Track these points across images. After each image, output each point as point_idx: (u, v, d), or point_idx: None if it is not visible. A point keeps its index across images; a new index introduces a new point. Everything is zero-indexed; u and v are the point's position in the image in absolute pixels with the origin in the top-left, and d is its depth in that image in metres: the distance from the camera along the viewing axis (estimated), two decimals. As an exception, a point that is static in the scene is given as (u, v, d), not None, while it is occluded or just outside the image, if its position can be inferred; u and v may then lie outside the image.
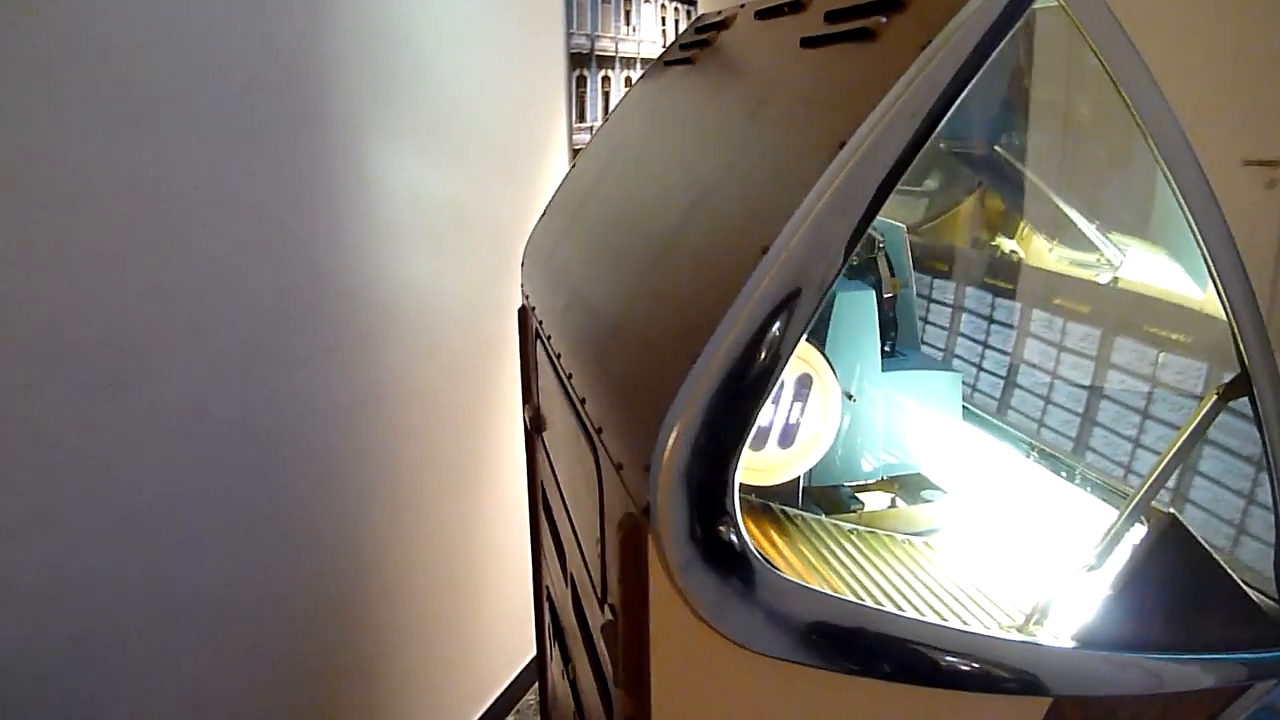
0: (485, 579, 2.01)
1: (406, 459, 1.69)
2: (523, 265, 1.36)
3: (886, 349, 1.05)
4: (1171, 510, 0.77)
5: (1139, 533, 0.78)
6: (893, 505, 0.98)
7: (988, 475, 1.02)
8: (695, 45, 1.18)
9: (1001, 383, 1.22)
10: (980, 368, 1.25)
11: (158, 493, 1.18)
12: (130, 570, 1.16)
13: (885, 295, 1.02)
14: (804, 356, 0.82)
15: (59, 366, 1.05)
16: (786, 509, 0.90)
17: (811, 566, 0.78)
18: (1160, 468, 0.76)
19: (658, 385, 0.66)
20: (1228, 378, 0.75)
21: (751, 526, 0.82)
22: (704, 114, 0.97)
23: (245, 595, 1.34)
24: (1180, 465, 0.78)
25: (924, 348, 1.30)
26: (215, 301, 1.24)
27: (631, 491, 0.67)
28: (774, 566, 0.66)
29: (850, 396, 0.96)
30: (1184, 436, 0.76)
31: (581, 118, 2.23)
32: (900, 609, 0.76)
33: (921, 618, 0.72)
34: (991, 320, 1.27)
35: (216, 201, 1.22)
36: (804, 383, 0.83)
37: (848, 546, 0.87)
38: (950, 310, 1.33)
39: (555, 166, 2.18)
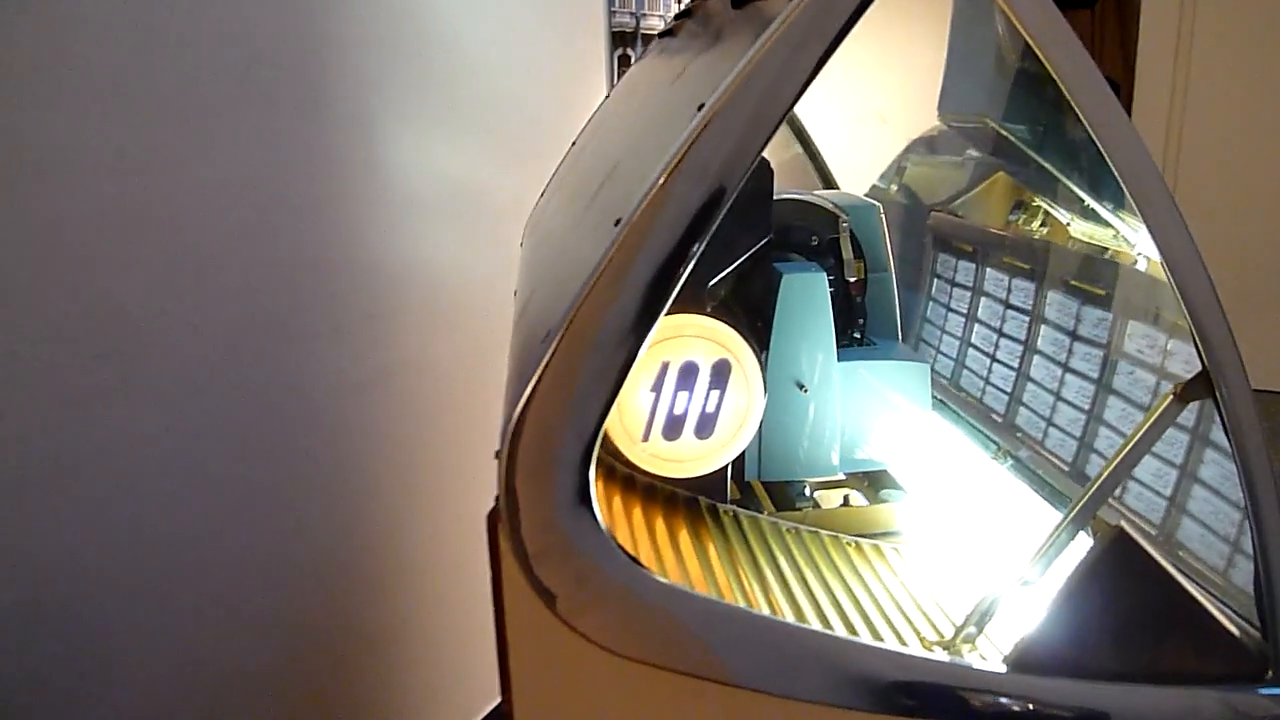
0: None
1: (421, 438, 1.70)
2: (521, 245, 1.33)
3: (856, 336, 0.98)
4: (1121, 524, 0.68)
5: (1086, 545, 0.70)
6: (844, 504, 0.92)
7: (954, 476, 0.94)
8: (682, 15, 1.13)
9: (994, 375, 1.13)
10: (973, 358, 1.16)
11: (157, 463, 1.21)
12: (129, 539, 1.19)
13: (850, 279, 0.94)
14: (721, 341, 0.77)
15: (53, 342, 1.09)
16: (720, 505, 0.85)
17: (711, 566, 0.73)
18: (1104, 475, 0.68)
19: (521, 367, 0.63)
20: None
21: (657, 520, 0.78)
22: (651, 87, 0.92)
23: (252, 568, 1.36)
24: (1127, 473, 0.69)
25: (935, 336, 1.22)
26: (214, 280, 1.26)
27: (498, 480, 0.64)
28: (638, 563, 0.61)
29: (801, 386, 0.89)
30: (1133, 441, 0.67)
31: None
32: (805, 617, 0.70)
33: (819, 628, 0.67)
34: (1008, 305, 1.18)
35: (216, 181, 1.24)
36: (721, 370, 0.77)
37: (777, 547, 0.81)
38: (968, 295, 1.24)
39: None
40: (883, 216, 0.99)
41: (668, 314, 0.75)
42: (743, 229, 0.78)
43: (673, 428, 0.77)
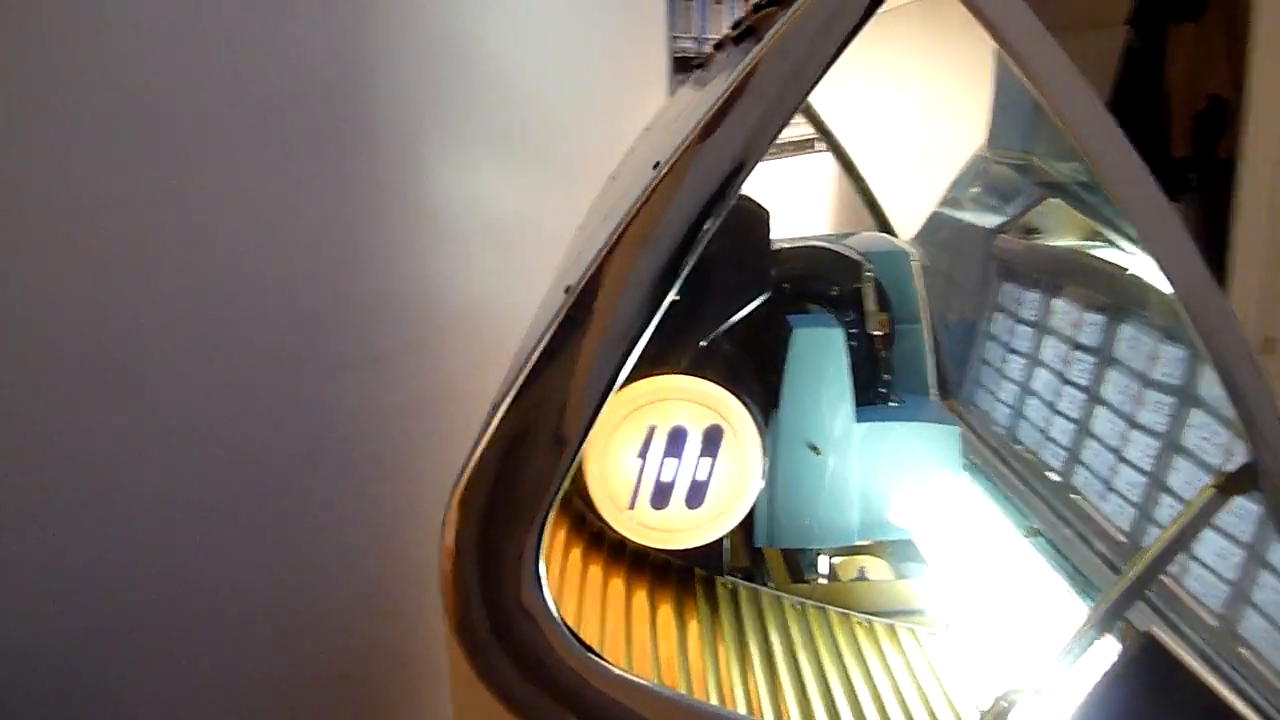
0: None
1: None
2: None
3: (882, 393, 0.91)
4: (1152, 629, 0.60)
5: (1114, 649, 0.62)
6: (860, 578, 0.85)
7: (984, 551, 0.86)
8: (717, 45, 1.08)
9: (1053, 429, 1.03)
10: (1034, 409, 1.07)
11: (178, 494, 1.22)
12: (148, 567, 1.20)
13: (875, 333, 0.87)
14: (712, 405, 0.71)
15: (74, 370, 1.10)
16: (724, 578, 0.79)
17: (687, 650, 0.67)
18: (1132, 573, 0.59)
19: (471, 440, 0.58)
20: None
21: (638, 594, 0.72)
22: (664, 127, 0.87)
23: (274, 595, 1.36)
24: (1160, 571, 0.61)
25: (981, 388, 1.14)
26: (247, 309, 1.26)
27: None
28: (592, 651, 0.56)
29: (814, 449, 0.83)
30: (1167, 537, 0.59)
31: None
32: (786, 712, 0.63)
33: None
34: (1076, 346, 1.08)
35: (261, 213, 1.25)
36: (713, 436, 0.72)
37: (774, 626, 0.74)
38: (1032, 334, 1.15)
39: (654, 174, 2.11)
40: (914, 264, 0.92)
41: (655, 374, 0.71)
42: (737, 282, 0.73)
43: (661, 496, 0.72)
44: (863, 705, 0.67)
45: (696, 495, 0.72)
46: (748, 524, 0.85)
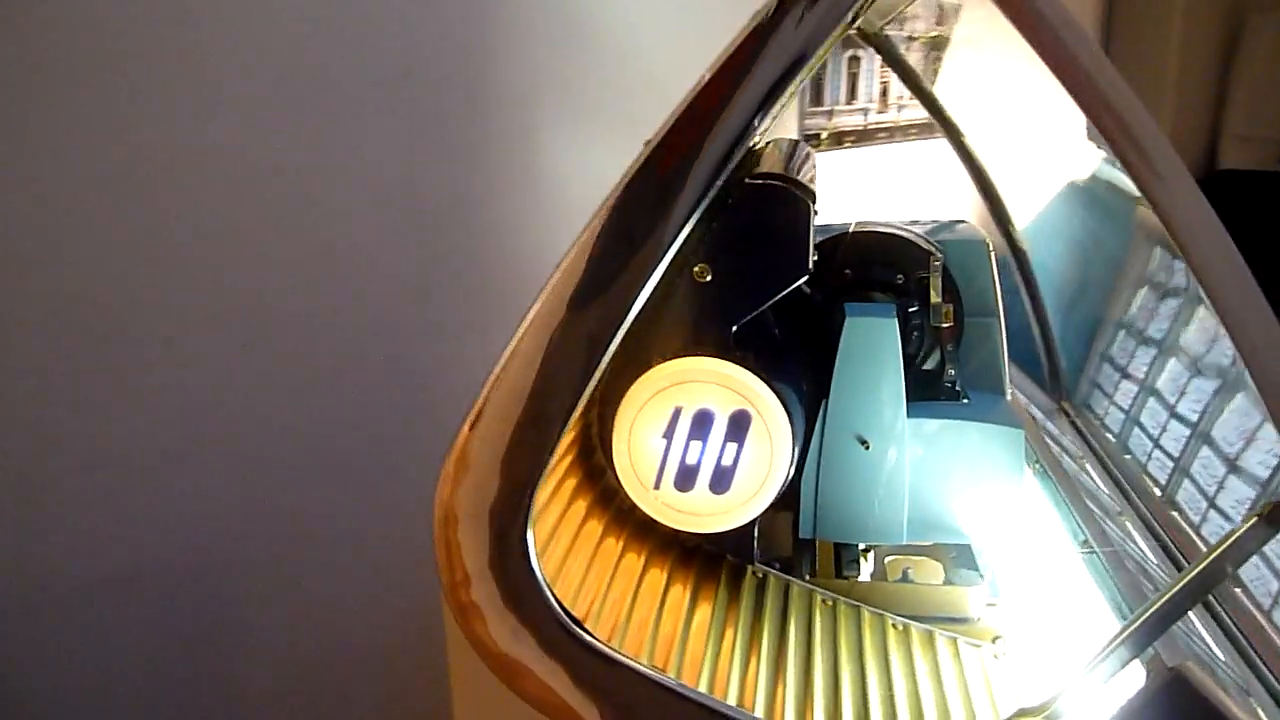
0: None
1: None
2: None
3: (948, 388, 0.86)
4: (1186, 664, 0.55)
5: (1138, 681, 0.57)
6: (903, 579, 0.81)
7: (1041, 564, 0.80)
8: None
9: (1167, 436, 0.96)
10: (1150, 412, 0.99)
11: (308, 455, 1.31)
12: (261, 503, 1.31)
13: (940, 325, 0.83)
14: (740, 390, 0.70)
15: (205, 327, 1.21)
16: (755, 565, 0.78)
17: (689, 634, 0.67)
18: (1159, 603, 0.55)
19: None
20: (1280, 493, 0.52)
21: (653, 571, 0.72)
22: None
23: (375, 529, 1.44)
24: (1194, 603, 0.55)
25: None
26: (360, 278, 1.34)
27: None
28: (579, 624, 0.57)
29: (864, 443, 0.80)
30: (1199, 568, 0.54)
31: (819, 100, 2.08)
32: (781, 710, 0.62)
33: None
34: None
35: (374, 186, 1.32)
36: (740, 421, 0.70)
37: (797, 619, 0.73)
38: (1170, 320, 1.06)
39: (784, 153, 2.07)
40: (992, 254, 0.87)
41: (684, 355, 0.70)
42: (773, 266, 0.71)
43: (685, 479, 0.72)
44: (870, 705, 0.65)
45: (721, 480, 0.72)
46: (794, 514, 0.83)
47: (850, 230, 0.84)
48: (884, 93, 2.62)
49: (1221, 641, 0.80)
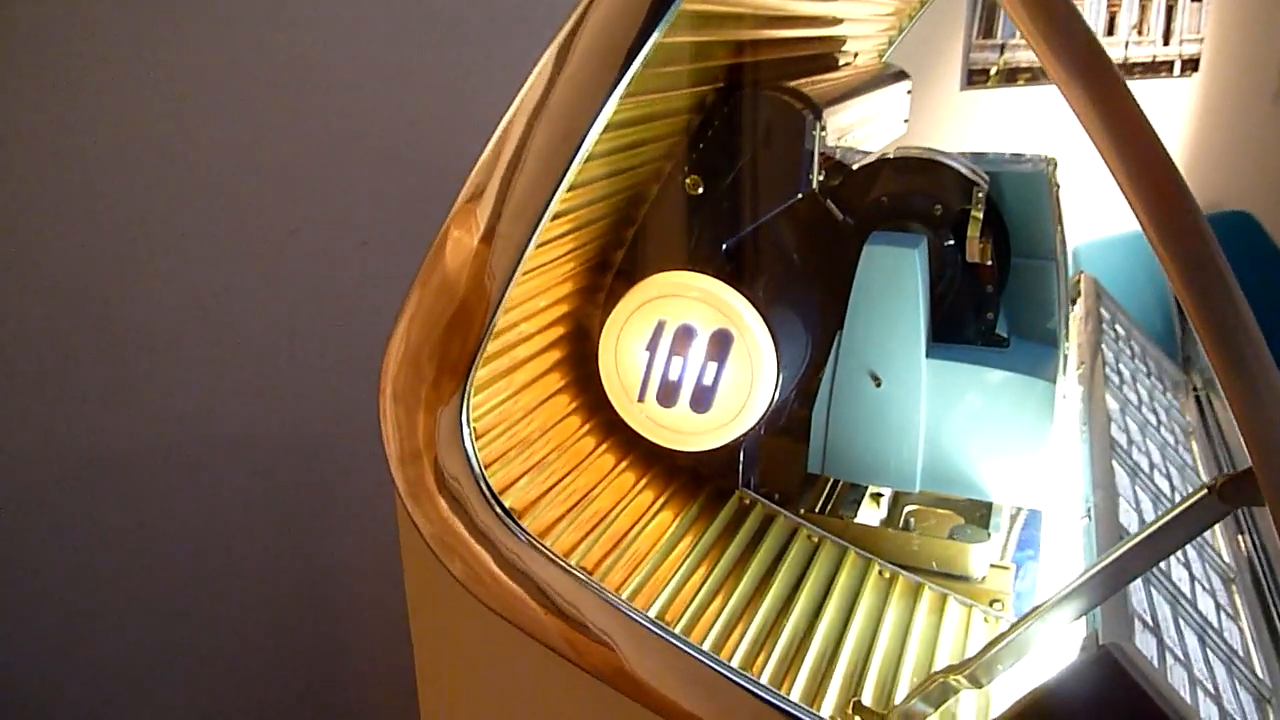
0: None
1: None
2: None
3: (984, 331, 0.80)
4: (1117, 643, 0.49)
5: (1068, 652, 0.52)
6: (904, 527, 0.77)
7: (1053, 527, 0.73)
8: None
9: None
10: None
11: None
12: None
13: (976, 262, 0.76)
14: (723, 308, 0.68)
15: (322, 222, 1.30)
16: (742, 490, 0.77)
17: (637, 537, 0.67)
18: (1093, 571, 0.49)
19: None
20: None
21: (626, 475, 0.72)
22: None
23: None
24: (1134, 575, 0.49)
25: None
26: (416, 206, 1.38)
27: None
28: (509, 513, 0.59)
29: (876, 379, 0.76)
30: (1141, 537, 0.48)
31: (990, 32, 1.91)
32: (711, 616, 0.61)
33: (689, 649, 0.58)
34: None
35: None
36: (721, 340, 0.69)
37: (770, 549, 0.71)
38: None
39: (945, 93, 1.93)
40: (1056, 190, 0.78)
41: (674, 268, 0.70)
42: (766, 181, 0.68)
43: (667, 394, 0.71)
44: (813, 637, 0.63)
45: (702, 400, 0.70)
46: (801, 448, 0.81)
47: (890, 155, 0.79)
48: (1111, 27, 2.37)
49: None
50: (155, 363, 1.18)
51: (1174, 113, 2.55)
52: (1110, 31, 2.19)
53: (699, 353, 0.69)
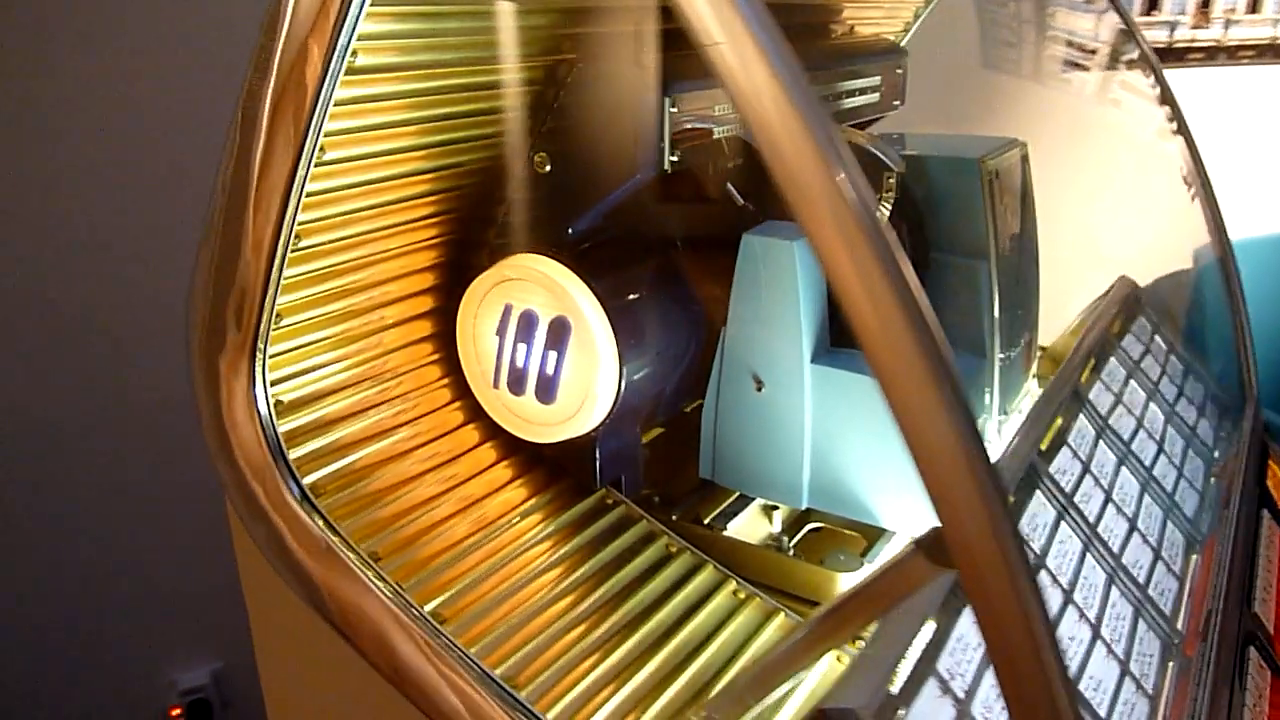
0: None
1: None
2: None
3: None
4: (831, 708, 0.43)
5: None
6: (771, 545, 0.70)
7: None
8: None
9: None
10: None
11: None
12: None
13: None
14: (557, 294, 0.63)
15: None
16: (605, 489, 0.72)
17: (442, 521, 0.63)
18: (799, 633, 0.42)
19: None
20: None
21: (467, 461, 0.69)
22: None
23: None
24: (847, 637, 0.42)
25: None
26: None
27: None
28: (295, 477, 0.58)
29: (758, 382, 0.70)
30: (851, 592, 0.40)
31: (1155, 4, 1.69)
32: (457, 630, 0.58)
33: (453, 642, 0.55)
34: None
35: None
36: (558, 328, 0.64)
37: (615, 546, 0.67)
38: None
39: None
40: (991, 182, 0.68)
41: (523, 250, 0.67)
42: (613, 160, 0.62)
43: (517, 382, 0.67)
44: (630, 641, 0.59)
45: (545, 390, 0.67)
46: (691, 451, 0.76)
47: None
48: (1255, 3, 2.09)
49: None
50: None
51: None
52: (1205, 4, 1.90)
53: (540, 340, 0.66)
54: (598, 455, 0.70)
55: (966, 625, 0.51)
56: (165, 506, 1.33)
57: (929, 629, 0.49)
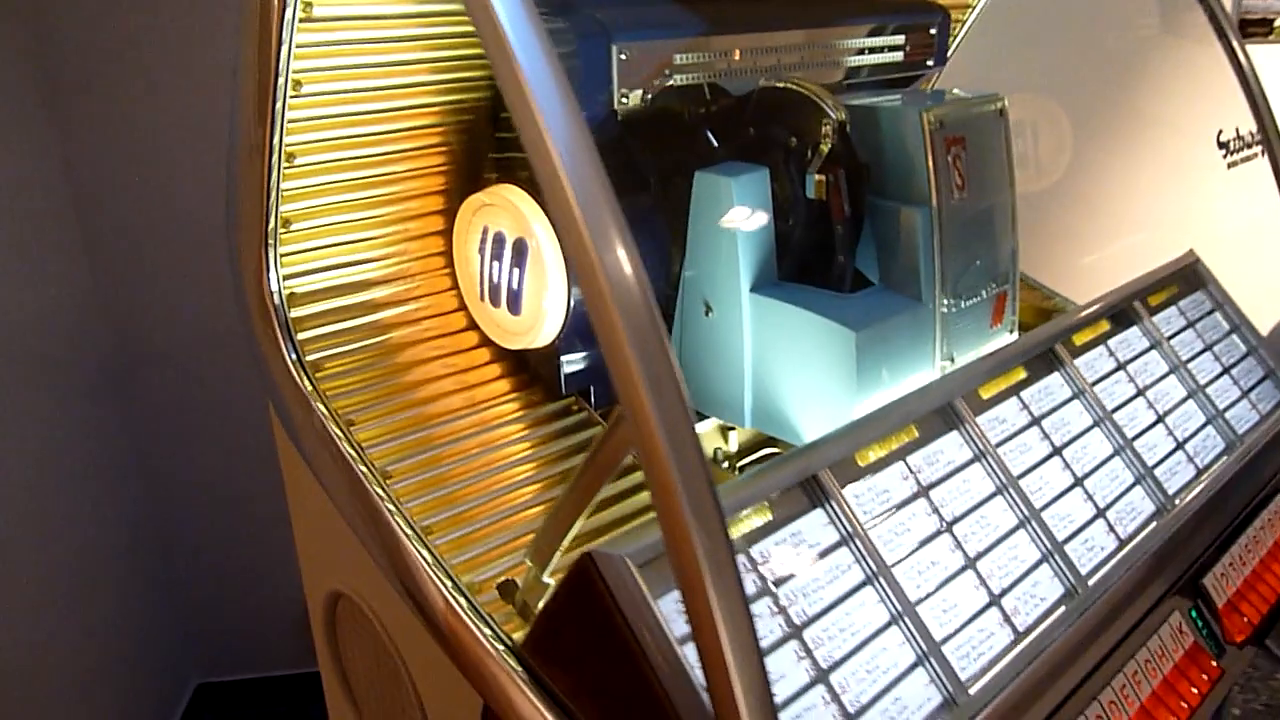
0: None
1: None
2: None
3: (839, 272, 0.75)
4: (595, 551, 0.51)
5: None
6: (722, 465, 0.76)
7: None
8: None
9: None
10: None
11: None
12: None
13: (820, 198, 0.71)
14: (516, 217, 0.73)
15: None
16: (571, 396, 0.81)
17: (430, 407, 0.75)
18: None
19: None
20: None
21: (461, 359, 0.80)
22: None
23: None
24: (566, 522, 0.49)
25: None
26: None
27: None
28: (304, 369, 0.72)
29: (708, 308, 0.76)
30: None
31: None
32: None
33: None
34: None
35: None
36: (519, 248, 0.74)
37: (570, 442, 0.76)
38: None
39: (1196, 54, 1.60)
40: (929, 131, 0.70)
41: (502, 182, 0.77)
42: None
43: (494, 295, 0.78)
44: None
45: (514, 302, 0.77)
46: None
47: (759, 84, 0.76)
48: None
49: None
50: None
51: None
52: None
53: (508, 258, 0.76)
54: (560, 364, 0.79)
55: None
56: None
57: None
